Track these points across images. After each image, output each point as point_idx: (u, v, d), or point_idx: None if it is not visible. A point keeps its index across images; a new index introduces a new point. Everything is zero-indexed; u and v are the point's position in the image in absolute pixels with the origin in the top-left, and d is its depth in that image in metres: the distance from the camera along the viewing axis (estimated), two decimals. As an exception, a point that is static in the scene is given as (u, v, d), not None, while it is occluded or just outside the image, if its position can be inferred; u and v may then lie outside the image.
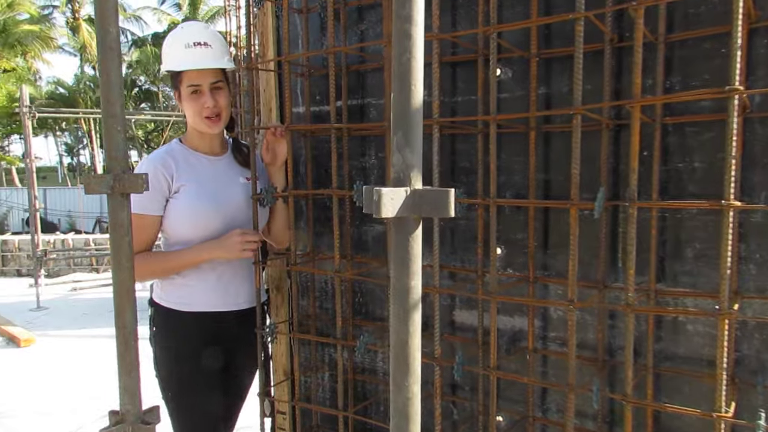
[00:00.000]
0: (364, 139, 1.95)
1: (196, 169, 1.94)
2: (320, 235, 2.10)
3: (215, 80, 1.89)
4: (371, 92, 1.91)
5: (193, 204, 1.88)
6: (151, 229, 1.89)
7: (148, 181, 1.77)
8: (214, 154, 2.01)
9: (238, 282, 2.00)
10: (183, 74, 1.87)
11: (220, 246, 1.85)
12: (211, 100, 1.86)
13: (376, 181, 1.94)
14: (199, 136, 1.98)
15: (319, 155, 2.06)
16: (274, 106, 2.11)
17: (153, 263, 1.89)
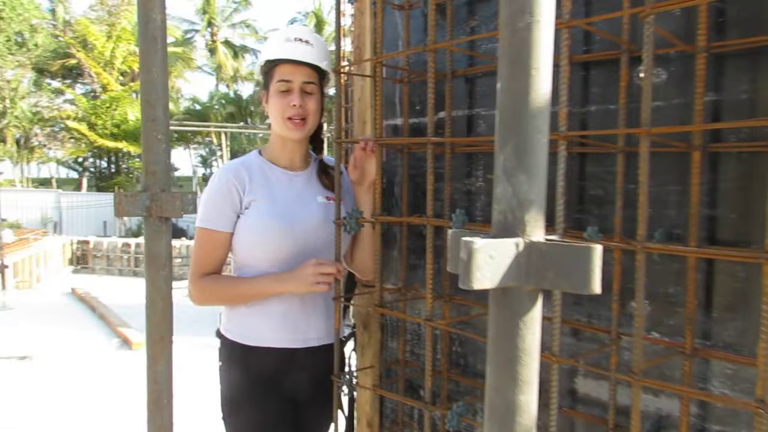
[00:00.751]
0: (471, 157, 1.63)
1: (271, 183, 1.75)
2: (415, 269, 1.80)
3: (308, 80, 1.71)
4: (481, 101, 1.59)
5: (262, 222, 1.69)
6: (220, 247, 1.71)
7: (219, 192, 1.60)
8: (293, 169, 1.81)
9: (309, 315, 1.77)
10: (276, 68, 1.71)
11: (292, 278, 1.63)
12: (299, 100, 1.68)
13: (483, 208, 1.61)
14: (280, 146, 1.79)
15: (417, 175, 1.76)
16: (368, 117, 1.85)
17: (220, 289, 1.72)
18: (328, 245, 1.76)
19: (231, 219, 1.69)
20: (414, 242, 1.79)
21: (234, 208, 1.69)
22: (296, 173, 1.80)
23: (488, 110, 1.57)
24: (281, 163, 1.79)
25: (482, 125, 1.59)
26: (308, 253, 1.72)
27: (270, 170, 1.77)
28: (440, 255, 1.72)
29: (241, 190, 1.69)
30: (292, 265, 1.70)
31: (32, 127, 25.58)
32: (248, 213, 1.69)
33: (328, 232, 1.75)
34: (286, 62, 1.69)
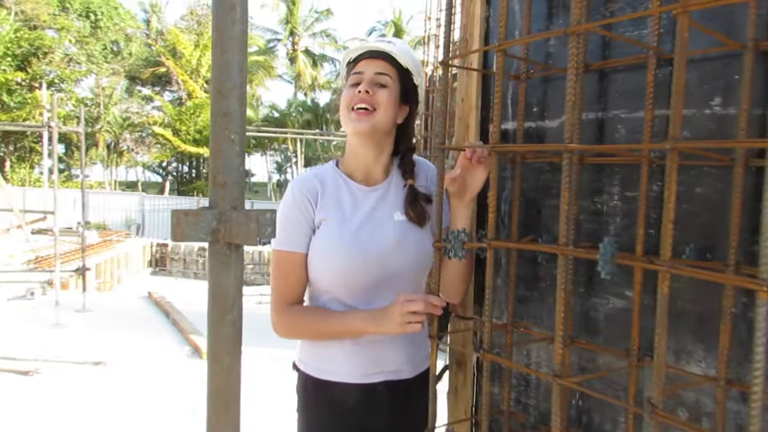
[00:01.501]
0: (601, 170, 1.33)
1: (344, 199, 1.55)
2: (524, 302, 1.51)
3: (381, 71, 1.53)
4: (619, 101, 1.29)
5: (330, 246, 1.50)
6: (300, 271, 1.53)
7: (292, 208, 1.38)
8: (370, 184, 1.60)
9: (385, 345, 1.54)
10: (353, 66, 1.57)
11: (385, 318, 1.40)
12: (367, 86, 1.50)
13: (618, 231, 1.30)
14: (353, 155, 1.59)
15: (529, 189, 1.47)
16: (473, 121, 1.58)
17: (309, 323, 1.52)
18: (413, 270, 1.56)
19: (307, 237, 1.51)
20: (525, 269, 1.50)
21: (309, 224, 1.51)
22: (373, 188, 1.60)
23: (629, 112, 1.27)
24: (357, 176, 1.60)
25: (620, 130, 1.29)
26: (388, 281, 1.51)
27: (344, 184, 1.57)
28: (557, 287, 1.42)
29: (313, 204, 1.52)
30: (372, 294, 1.50)
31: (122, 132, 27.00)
32: (319, 233, 1.51)
33: (409, 255, 1.54)
34: (362, 58, 1.55)
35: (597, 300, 1.34)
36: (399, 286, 1.48)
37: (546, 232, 1.44)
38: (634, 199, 1.27)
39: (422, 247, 1.46)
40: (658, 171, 1.23)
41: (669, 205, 0.90)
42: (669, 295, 0.92)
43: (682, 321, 1.20)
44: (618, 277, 1.30)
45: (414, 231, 1.55)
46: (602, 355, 1.34)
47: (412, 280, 1.58)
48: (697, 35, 1.14)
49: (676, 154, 0.89)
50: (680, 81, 0.88)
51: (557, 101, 1.40)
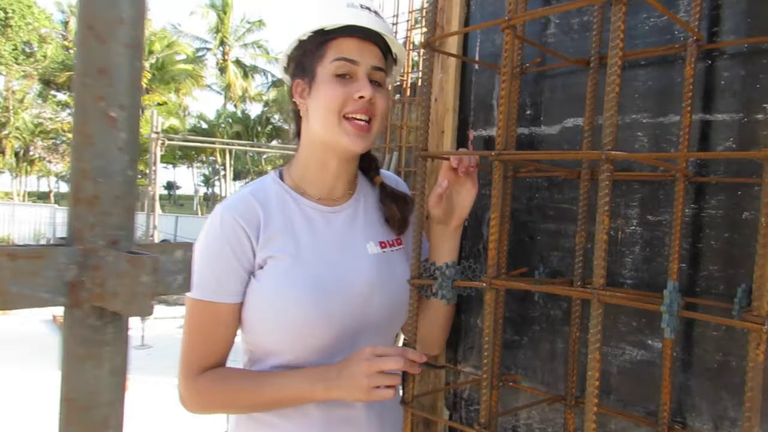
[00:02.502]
0: (615, 188, 1.07)
1: (297, 226, 1.14)
2: (513, 348, 1.23)
3: (379, 66, 1.13)
4: (640, 103, 1.04)
5: (282, 292, 1.08)
6: (226, 327, 1.10)
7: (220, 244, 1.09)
8: (331, 203, 1.20)
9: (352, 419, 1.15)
10: (331, 43, 1.10)
11: (341, 380, 1.01)
12: (369, 87, 1.09)
13: (637, 264, 1.04)
14: (318, 165, 1.18)
15: (523, 211, 1.20)
16: (450, 125, 1.30)
17: (232, 392, 1.08)
18: (391, 320, 1.19)
19: (240, 283, 1.10)
20: (514, 309, 1.22)
21: (244, 266, 1.10)
22: (335, 209, 1.20)
23: (652, 116, 1.02)
24: (314, 191, 1.19)
25: (641, 138, 1.03)
26: (359, 336, 1.14)
27: (295, 205, 1.16)
28: (556, 332, 1.15)
29: (253, 237, 1.09)
30: (333, 353, 1.11)
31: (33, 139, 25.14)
32: (262, 277, 1.10)
33: (388, 300, 1.17)
34: (349, 35, 1.10)
35: (608, 350, 1.08)
36: (371, 342, 1.11)
37: (541, 264, 1.17)
38: (658, 225, 1.01)
39: (404, 289, 1.07)
40: (691, 190, 0.98)
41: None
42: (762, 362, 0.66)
43: (723, 380, 0.95)
44: (637, 322, 1.04)
45: (393, 266, 1.20)
46: (615, 419, 1.07)
47: (387, 333, 1.23)
48: (744, 22, 0.90)
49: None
50: None
51: (559, 102, 1.14)
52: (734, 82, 0.93)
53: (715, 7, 0.94)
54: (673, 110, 0.99)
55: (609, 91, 0.74)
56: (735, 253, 0.93)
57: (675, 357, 0.99)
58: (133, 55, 0.41)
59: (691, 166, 0.97)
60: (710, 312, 0.95)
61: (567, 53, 1.09)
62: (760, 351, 0.64)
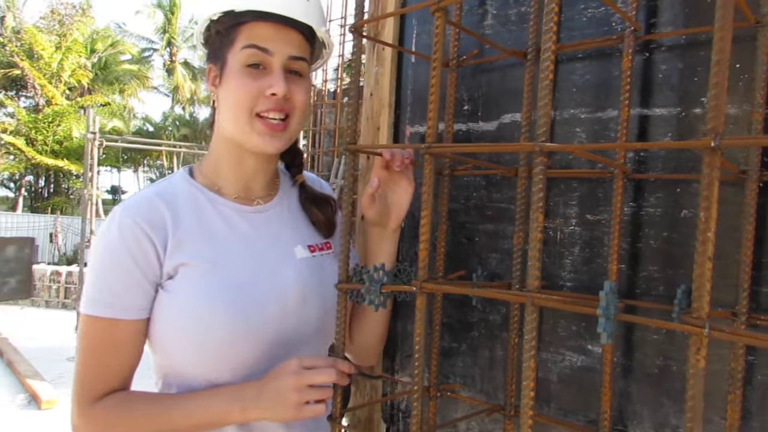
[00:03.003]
0: (553, 187, 1.03)
1: (213, 228, 1.01)
2: (451, 356, 1.17)
3: (298, 55, 1.00)
4: (578, 97, 0.99)
5: (198, 306, 0.95)
6: (128, 347, 0.97)
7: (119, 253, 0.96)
8: (250, 202, 1.08)
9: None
10: (243, 27, 0.97)
11: (262, 398, 0.90)
12: (284, 83, 0.96)
13: (576, 266, 1.00)
14: (231, 162, 1.05)
15: (459, 212, 1.15)
16: (385, 121, 1.23)
17: (134, 419, 0.93)
18: (322, 332, 1.08)
19: (143, 296, 0.96)
20: (452, 314, 1.16)
21: (148, 277, 0.96)
22: (257, 209, 1.08)
23: (590, 111, 0.98)
24: (230, 190, 1.06)
25: (579, 134, 0.99)
26: (288, 345, 1.03)
27: (210, 204, 1.03)
28: (495, 338, 1.10)
29: (158, 243, 0.95)
30: (262, 369, 0.98)
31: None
32: (173, 286, 0.96)
33: (318, 309, 1.06)
34: (264, 19, 0.97)
35: (548, 356, 1.03)
36: (303, 354, 0.98)
37: (480, 266, 1.11)
38: (597, 225, 0.97)
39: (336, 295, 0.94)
40: (630, 188, 0.94)
41: (707, 234, 0.60)
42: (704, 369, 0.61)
43: (663, 386, 0.91)
44: (576, 326, 1.00)
45: (323, 271, 1.09)
46: (555, 428, 1.02)
47: (320, 344, 1.11)
48: (679, 14, 0.87)
49: (718, 157, 0.59)
50: (725, 51, 0.59)
51: (496, 97, 1.09)
52: (672, 75, 0.90)
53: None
54: (612, 105, 0.95)
55: (542, 78, 0.69)
56: (674, 253, 0.89)
57: (615, 362, 0.95)
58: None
59: (629, 164, 0.93)
60: (650, 315, 0.91)
61: (505, 46, 1.04)
62: (701, 356, 0.59)
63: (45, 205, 23.29)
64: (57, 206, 22.92)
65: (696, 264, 0.60)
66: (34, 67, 22.01)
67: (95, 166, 6.89)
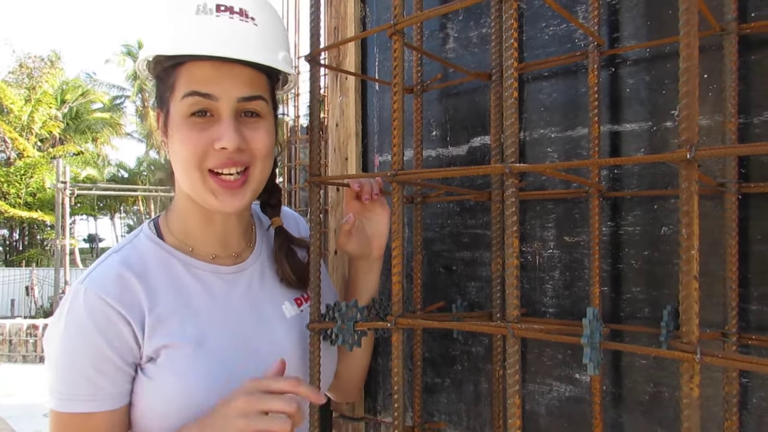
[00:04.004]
0: (528, 210, 0.99)
1: (192, 299, 0.90)
2: (435, 392, 1.11)
3: (250, 95, 0.85)
4: (547, 117, 0.97)
5: (191, 391, 0.84)
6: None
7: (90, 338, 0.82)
8: (229, 258, 0.97)
9: None
10: (181, 70, 0.85)
11: (211, 423, 0.78)
12: (233, 134, 0.83)
13: (558, 291, 0.95)
14: (198, 219, 0.94)
15: (434, 240, 1.10)
16: (353, 151, 1.19)
17: None
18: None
19: (123, 380, 0.84)
20: (433, 348, 1.11)
21: (127, 360, 0.84)
22: (236, 268, 0.96)
23: (560, 130, 0.95)
24: (205, 250, 0.95)
25: (551, 154, 0.96)
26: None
27: (184, 270, 0.92)
28: (479, 371, 1.05)
29: (135, 323, 0.84)
30: None
31: None
32: (157, 372, 0.85)
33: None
34: (203, 59, 0.83)
35: (534, 387, 0.98)
36: None
37: (459, 296, 1.07)
38: (576, 246, 0.94)
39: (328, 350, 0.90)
40: (607, 207, 0.91)
41: (691, 252, 0.56)
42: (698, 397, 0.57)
43: (656, 412, 0.87)
44: (562, 354, 0.95)
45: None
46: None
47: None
48: (643, 27, 0.86)
49: (694, 169, 0.56)
50: (692, 56, 0.57)
51: (463, 121, 1.06)
52: (640, 89, 0.88)
53: (614, 12, 0.89)
54: (582, 122, 0.93)
55: (507, 97, 0.66)
56: (657, 272, 0.86)
57: (605, 391, 0.90)
58: None
59: (604, 182, 0.90)
60: (638, 339, 0.87)
61: (468, 69, 1.02)
62: (694, 384, 0.55)
63: (20, 257, 22.78)
64: (32, 258, 22.42)
65: (681, 284, 0.56)
66: (4, 120, 21.80)
67: (67, 215, 6.75)
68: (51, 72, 24.55)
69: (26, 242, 24.78)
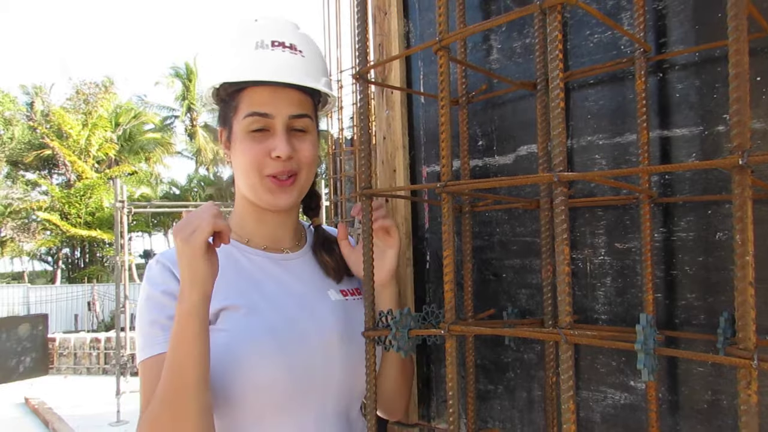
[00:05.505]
0: (578, 217, 1.00)
1: (251, 277, 1.05)
2: (488, 399, 1.12)
3: (299, 113, 1.03)
4: (594, 124, 0.97)
5: (242, 346, 0.97)
6: None
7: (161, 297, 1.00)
8: (281, 250, 1.12)
9: None
10: (243, 94, 1.02)
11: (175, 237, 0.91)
12: (286, 145, 1.00)
13: (610, 298, 0.95)
14: (254, 218, 1.10)
15: (483, 248, 1.12)
16: (400, 163, 1.22)
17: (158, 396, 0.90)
18: (354, 371, 1.05)
19: None
20: (486, 355, 1.12)
21: None
22: (287, 256, 1.12)
23: (608, 137, 0.95)
24: (258, 242, 1.11)
25: (599, 161, 0.96)
26: (324, 386, 1.03)
27: (242, 255, 1.08)
28: (532, 378, 1.05)
29: None
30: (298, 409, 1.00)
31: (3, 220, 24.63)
32: (215, 330, 0.98)
33: (352, 348, 1.05)
34: (262, 84, 1.01)
35: (589, 394, 0.97)
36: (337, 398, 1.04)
37: (510, 303, 1.07)
38: (628, 253, 0.93)
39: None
40: (659, 213, 0.90)
41: (746, 258, 0.56)
42: (758, 404, 0.57)
43: (714, 421, 0.85)
44: (616, 362, 0.95)
45: (356, 315, 1.08)
46: (606, 472, 0.96)
47: (354, 389, 1.07)
48: (690, 31, 0.85)
49: (747, 175, 0.56)
50: (743, 62, 0.57)
51: (509, 130, 1.08)
52: (690, 94, 0.87)
53: (660, 18, 0.89)
54: (630, 128, 0.93)
55: (554, 107, 0.67)
56: (712, 278, 0.85)
57: (661, 399, 0.89)
58: None
59: (655, 187, 0.90)
60: (693, 346, 0.86)
61: (513, 79, 1.03)
62: (752, 391, 0.54)
63: (82, 275, 23.75)
64: (93, 275, 23.35)
65: (737, 290, 0.56)
66: (63, 145, 22.92)
67: (125, 233, 7.04)
68: (105, 97, 25.69)
69: (87, 260, 25.85)
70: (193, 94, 30.50)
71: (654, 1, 0.90)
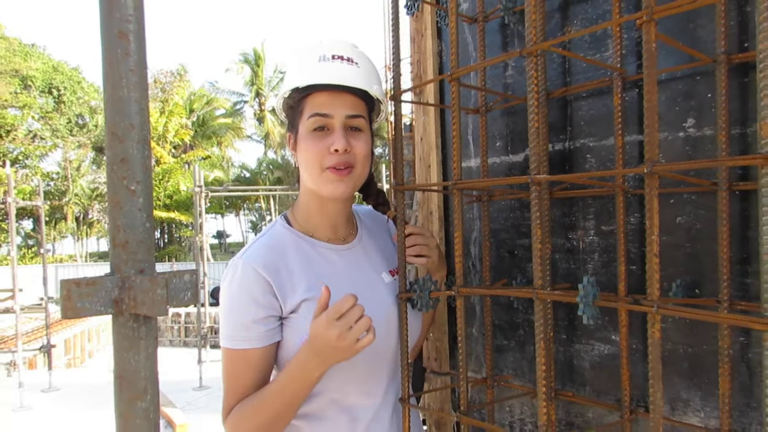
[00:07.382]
0: (573, 205, 1.23)
1: (319, 269, 1.23)
2: (502, 351, 1.38)
3: (354, 114, 1.19)
4: (586, 129, 1.21)
5: None
6: (259, 368, 1.17)
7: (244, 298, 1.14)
8: (340, 241, 1.30)
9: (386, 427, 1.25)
10: (307, 99, 1.19)
11: (319, 347, 1.06)
12: (343, 141, 1.16)
13: (597, 269, 1.19)
14: (317, 209, 1.26)
15: (500, 230, 1.37)
16: (434, 160, 1.49)
17: (253, 408, 1.15)
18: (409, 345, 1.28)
19: (269, 328, 1.17)
20: (501, 316, 1.38)
21: (270, 312, 1.16)
22: (347, 246, 1.29)
23: (598, 140, 1.19)
24: (322, 233, 1.27)
25: (590, 160, 1.20)
26: (389, 358, 1.25)
27: (311, 248, 1.24)
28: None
29: (277, 289, 1.16)
30: (370, 380, 1.23)
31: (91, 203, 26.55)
32: (298, 319, 1.17)
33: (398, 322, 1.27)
34: (322, 89, 1.18)
35: (580, 346, 1.22)
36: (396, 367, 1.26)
37: (520, 275, 1.33)
38: (611, 234, 1.17)
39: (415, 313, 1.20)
40: (634, 201, 1.13)
41: (652, 237, 0.80)
42: (660, 339, 0.81)
43: (674, 366, 1.08)
44: (602, 320, 1.19)
45: None
46: (591, 408, 1.21)
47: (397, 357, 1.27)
48: (662, 54, 1.07)
49: (655, 179, 0.80)
50: (652, 98, 0.80)
51: (520, 133, 1.32)
52: (659, 106, 1.09)
53: (638, 44, 1.11)
54: (612, 134, 1.15)
55: (532, 120, 0.92)
56: (671, 253, 1.07)
57: (635, 349, 1.13)
58: (143, 148, 0.62)
59: (631, 182, 1.13)
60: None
61: (523, 90, 1.27)
62: (655, 329, 0.79)
63: (162, 254, 25.34)
64: (172, 254, 24.88)
65: (647, 260, 0.80)
66: (144, 131, 24.34)
67: (203, 215, 7.64)
68: (180, 84, 27.01)
69: (166, 240, 27.51)
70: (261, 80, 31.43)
71: (633, 31, 1.12)
